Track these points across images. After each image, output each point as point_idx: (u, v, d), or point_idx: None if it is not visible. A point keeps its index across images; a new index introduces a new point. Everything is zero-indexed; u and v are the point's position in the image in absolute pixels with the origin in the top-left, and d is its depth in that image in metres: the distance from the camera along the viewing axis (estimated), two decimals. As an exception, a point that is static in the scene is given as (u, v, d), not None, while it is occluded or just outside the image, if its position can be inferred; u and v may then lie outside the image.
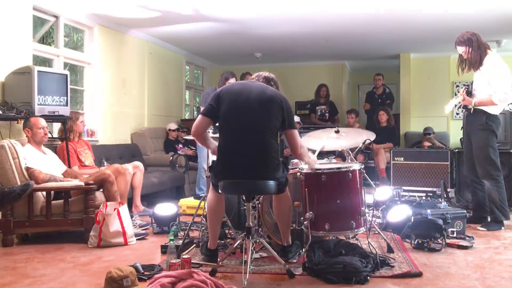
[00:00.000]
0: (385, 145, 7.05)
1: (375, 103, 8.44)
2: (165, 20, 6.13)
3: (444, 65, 8.81)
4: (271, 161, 2.92)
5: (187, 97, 9.30)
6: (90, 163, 4.97)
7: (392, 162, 5.87)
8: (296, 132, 3.07)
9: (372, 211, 3.71)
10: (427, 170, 5.56)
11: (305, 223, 3.16)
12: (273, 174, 2.93)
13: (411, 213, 3.90)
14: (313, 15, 5.98)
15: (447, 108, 4.53)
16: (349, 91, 10.51)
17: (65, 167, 4.47)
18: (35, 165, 4.02)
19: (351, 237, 3.32)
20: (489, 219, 4.35)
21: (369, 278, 2.80)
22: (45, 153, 4.29)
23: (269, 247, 3.04)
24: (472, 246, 3.62)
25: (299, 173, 3.31)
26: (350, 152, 3.73)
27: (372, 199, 4.08)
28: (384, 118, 7.44)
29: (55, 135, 5.16)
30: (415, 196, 4.71)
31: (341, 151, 5.83)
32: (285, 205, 3.16)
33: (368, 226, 3.30)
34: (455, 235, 3.78)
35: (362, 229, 3.22)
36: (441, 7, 5.62)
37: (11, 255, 3.55)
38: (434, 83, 8.88)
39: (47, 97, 4.48)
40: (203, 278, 2.55)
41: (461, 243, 3.62)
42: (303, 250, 3.14)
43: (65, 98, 4.69)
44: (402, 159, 5.74)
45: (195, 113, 9.41)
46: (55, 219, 3.92)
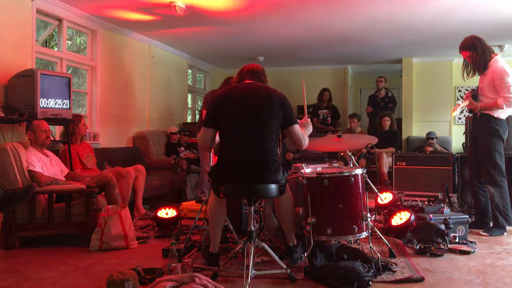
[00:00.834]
0: (388, 149, 7.05)
1: (377, 106, 8.45)
2: (167, 23, 6.14)
3: (446, 69, 8.80)
4: (272, 164, 2.93)
5: (189, 100, 9.31)
6: (92, 166, 4.98)
7: (394, 166, 5.86)
8: (297, 126, 3.08)
9: (374, 216, 3.70)
10: (430, 174, 5.54)
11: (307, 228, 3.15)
12: (274, 177, 2.93)
13: (413, 218, 3.88)
14: (316, 19, 5.99)
15: (455, 112, 4.49)
16: (351, 95, 10.51)
17: (67, 170, 4.48)
18: (38, 168, 4.02)
19: (353, 241, 3.32)
20: (492, 224, 4.34)
21: (371, 283, 2.80)
22: (47, 155, 4.30)
23: (271, 251, 3.03)
24: (474, 251, 3.61)
25: (301, 178, 3.31)
26: (352, 156, 3.73)
27: (374, 204, 4.06)
28: (387, 123, 7.45)
29: (57, 138, 5.17)
30: (417, 200, 4.69)
31: (343, 155, 5.82)
32: (287, 205, 3.17)
33: (370, 230, 3.29)
34: (457, 240, 3.76)
35: (364, 234, 3.20)
36: (443, 11, 5.63)
37: (13, 257, 3.56)
38: (436, 88, 8.86)
39: (50, 100, 4.49)
40: (205, 282, 2.56)
41: (463, 248, 3.60)
42: (305, 254, 3.14)
43: (68, 101, 4.70)
44: (404, 163, 5.73)
45: (197, 116, 9.41)
46: (57, 222, 3.92)
